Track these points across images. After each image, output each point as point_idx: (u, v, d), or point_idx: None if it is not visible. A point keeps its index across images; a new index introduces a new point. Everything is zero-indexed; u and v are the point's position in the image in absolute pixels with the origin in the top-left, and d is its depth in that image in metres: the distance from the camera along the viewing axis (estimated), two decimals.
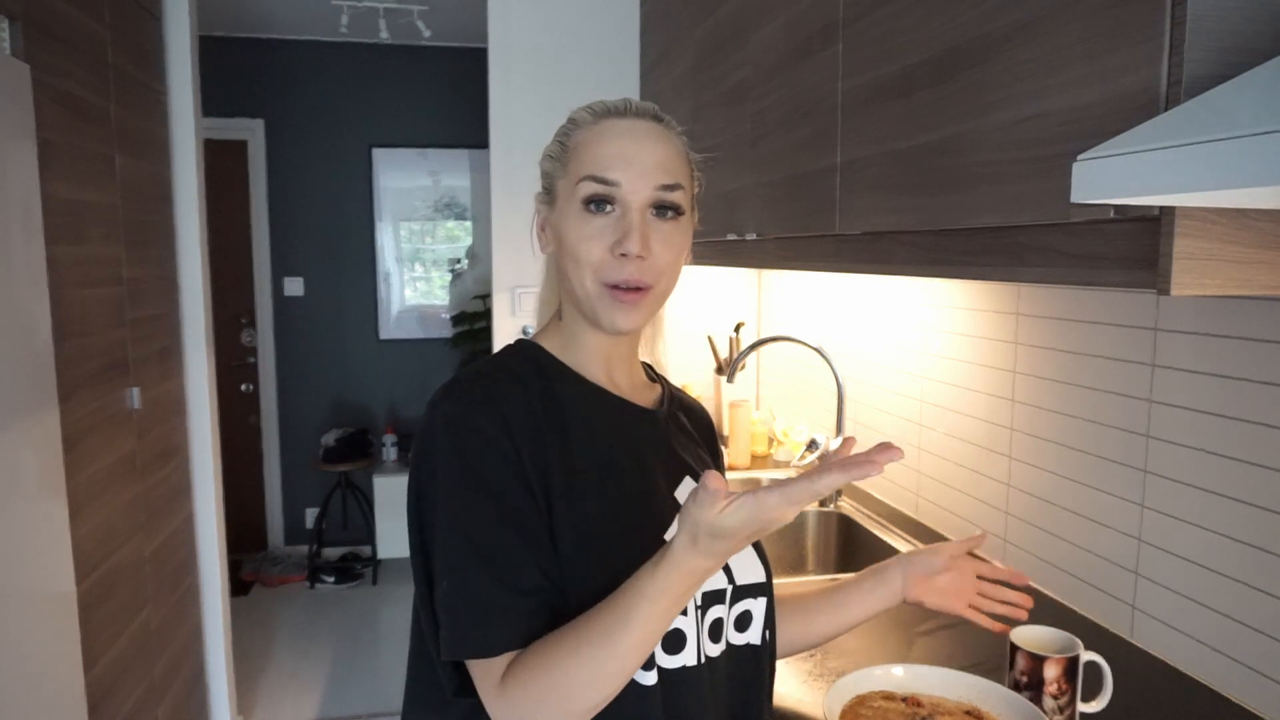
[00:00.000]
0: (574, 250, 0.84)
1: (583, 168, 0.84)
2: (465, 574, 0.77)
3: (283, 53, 4.53)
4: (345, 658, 3.65)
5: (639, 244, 0.82)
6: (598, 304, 0.85)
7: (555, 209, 0.88)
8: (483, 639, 0.75)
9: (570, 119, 0.89)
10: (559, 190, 0.88)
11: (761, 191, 1.63)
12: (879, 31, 1.18)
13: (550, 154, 0.89)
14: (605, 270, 0.84)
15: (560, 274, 0.89)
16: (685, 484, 0.90)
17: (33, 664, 1.63)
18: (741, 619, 0.90)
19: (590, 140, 0.86)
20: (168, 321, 2.61)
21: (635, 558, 0.80)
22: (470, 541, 0.77)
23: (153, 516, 2.40)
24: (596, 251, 0.83)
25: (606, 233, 0.83)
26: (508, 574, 0.76)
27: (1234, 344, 1.13)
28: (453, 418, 0.80)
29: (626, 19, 2.64)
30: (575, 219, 0.84)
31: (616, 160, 0.84)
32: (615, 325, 0.85)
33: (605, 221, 0.84)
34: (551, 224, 0.89)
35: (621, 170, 0.83)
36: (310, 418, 4.74)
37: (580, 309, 0.87)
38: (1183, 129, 0.56)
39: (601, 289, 0.84)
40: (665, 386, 1.00)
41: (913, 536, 1.86)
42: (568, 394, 0.87)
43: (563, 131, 0.89)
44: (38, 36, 1.79)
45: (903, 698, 1.08)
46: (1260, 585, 1.11)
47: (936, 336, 1.79)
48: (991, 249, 0.96)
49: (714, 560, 0.70)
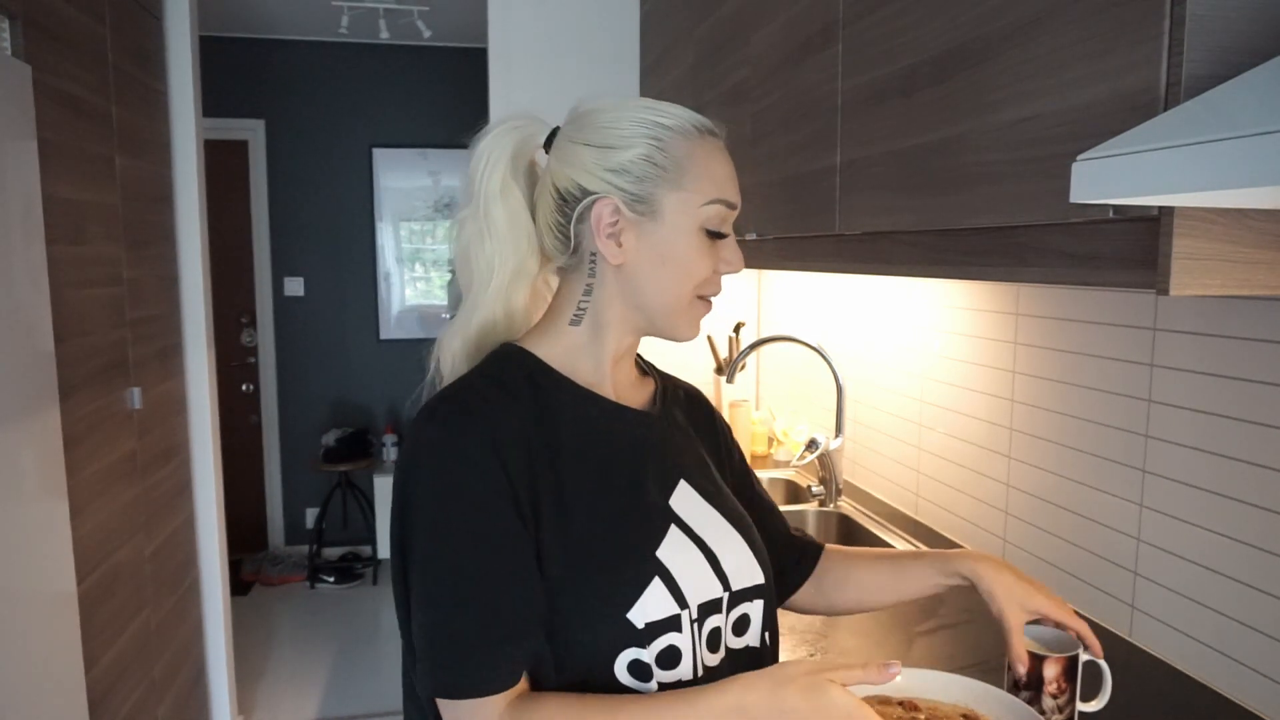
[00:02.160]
0: (684, 266, 0.85)
1: (708, 189, 0.84)
2: (447, 611, 0.75)
3: (283, 53, 4.54)
4: (345, 658, 3.65)
5: (742, 263, 0.88)
6: (685, 316, 0.88)
7: (658, 221, 0.83)
8: (462, 681, 0.74)
9: (659, 123, 0.84)
10: (667, 204, 0.83)
11: (761, 191, 1.63)
12: (879, 31, 1.18)
13: (651, 159, 0.82)
14: (708, 285, 0.87)
15: (633, 283, 0.85)
16: (681, 489, 0.89)
17: (33, 664, 1.63)
18: (739, 623, 0.88)
19: (701, 158, 0.85)
20: (168, 321, 2.61)
21: (626, 577, 0.79)
22: (453, 577, 0.76)
23: (153, 516, 2.40)
24: (707, 269, 0.86)
25: (715, 253, 0.86)
26: (489, 615, 0.75)
27: (1233, 344, 1.13)
28: (437, 443, 0.78)
29: (626, 19, 2.64)
30: (695, 238, 0.85)
31: (733, 185, 0.87)
32: (692, 335, 0.89)
33: (716, 243, 0.86)
34: (644, 235, 0.84)
35: (737, 195, 0.88)
36: (310, 418, 4.74)
37: (654, 320, 0.88)
38: (1183, 129, 0.56)
39: (695, 301, 0.87)
40: (658, 380, 0.98)
41: (913, 536, 1.86)
42: (560, 403, 0.85)
43: (655, 136, 0.83)
44: (38, 36, 1.79)
45: (899, 702, 1.08)
46: (1260, 585, 1.11)
47: (936, 336, 1.79)
48: (991, 249, 0.96)
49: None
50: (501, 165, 0.88)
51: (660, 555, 0.82)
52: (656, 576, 0.81)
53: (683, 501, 0.88)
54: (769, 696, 0.70)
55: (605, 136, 0.84)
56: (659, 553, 0.83)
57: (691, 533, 0.86)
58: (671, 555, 0.83)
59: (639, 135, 0.83)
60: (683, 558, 0.84)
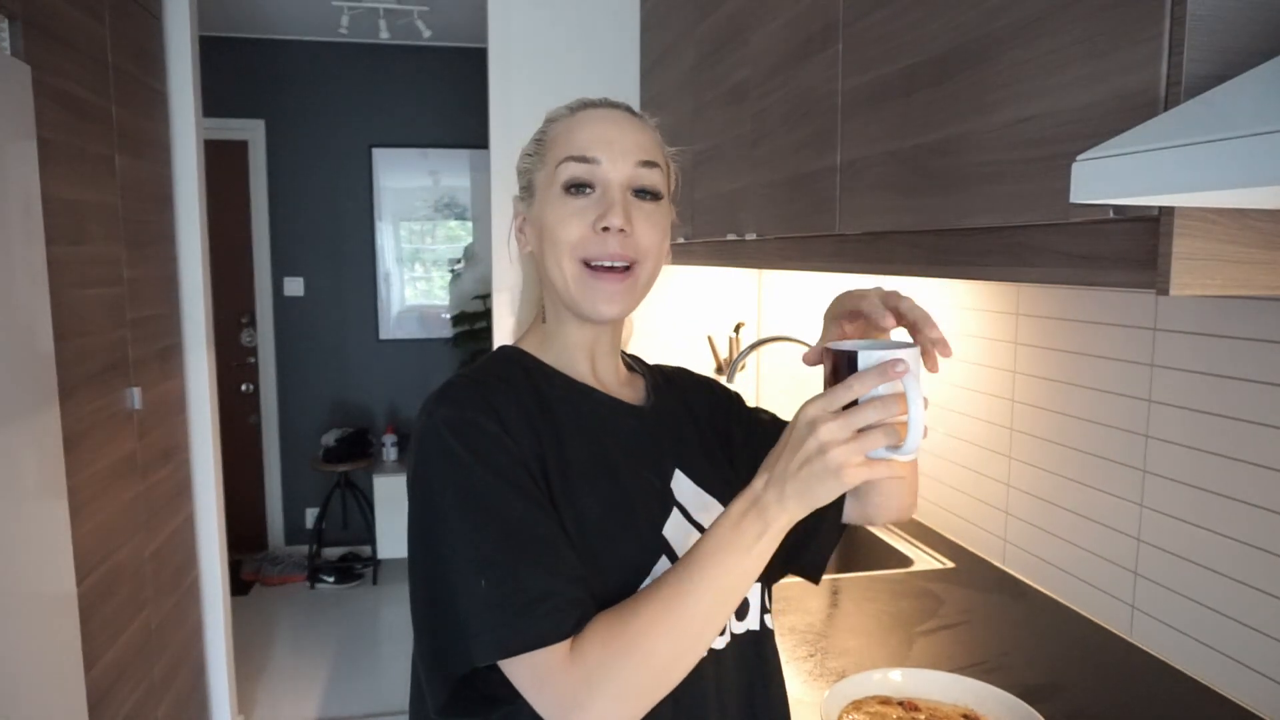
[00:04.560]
0: (554, 232, 0.84)
1: (561, 152, 0.86)
2: (508, 567, 0.74)
3: (283, 53, 4.53)
4: (345, 658, 3.65)
5: (621, 217, 0.83)
6: (578, 288, 0.85)
7: (535, 202, 0.89)
8: (541, 627, 0.72)
9: (546, 119, 0.91)
10: (538, 183, 0.88)
11: (762, 191, 1.63)
12: (879, 31, 1.18)
13: (527, 152, 0.91)
14: (586, 246, 0.84)
15: (541, 268, 0.89)
16: (678, 476, 0.90)
17: (33, 664, 1.63)
18: (740, 608, 0.89)
19: (567, 129, 0.87)
20: (168, 321, 2.61)
21: (631, 555, 0.80)
22: (504, 535, 0.75)
23: (153, 516, 2.40)
24: (577, 230, 0.84)
25: (588, 212, 0.84)
26: (552, 560, 0.75)
27: (1233, 344, 1.13)
28: (454, 420, 0.79)
29: (626, 19, 2.64)
30: (556, 203, 0.85)
31: (596, 141, 0.85)
32: (599, 312, 0.85)
33: (586, 202, 0.84)
34: (531, 219, 0.90)
35: (601, 149, 0.85)
36: (310, 418, 4.74)
37: (562, 299, 0.87)
38: (1183, 129, 0.56)
39: (581, 270, 0.84)
40: (647, 376, 0.99)
41: (913, 537, 1.86)
42: (555, 395, 0.87)
43: (539, 132, 0.91)
44: (38, 36, 1.79)
45: (899, 702, 1.08)
46: (1259, 585, 1.11)
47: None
48: (991, 249, 0.96)
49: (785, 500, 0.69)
50: None
51: (666, 534, 0.84)
52: (664, 554, 0.83)
53: (680, 488, 0.89)
54: (764, 471, 0.71)
55: None
56: (664, 532, 0.84)
57: (690, 518, 0.88)
58: (675, 535, 0.85)
59: (532, 137, 0.92)
60: (686, 540, 0.84)
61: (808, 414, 0.69)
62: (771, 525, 0.70)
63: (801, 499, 0.69)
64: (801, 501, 0.69)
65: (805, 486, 0.68)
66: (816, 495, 0.69)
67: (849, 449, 0.67)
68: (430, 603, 0.78)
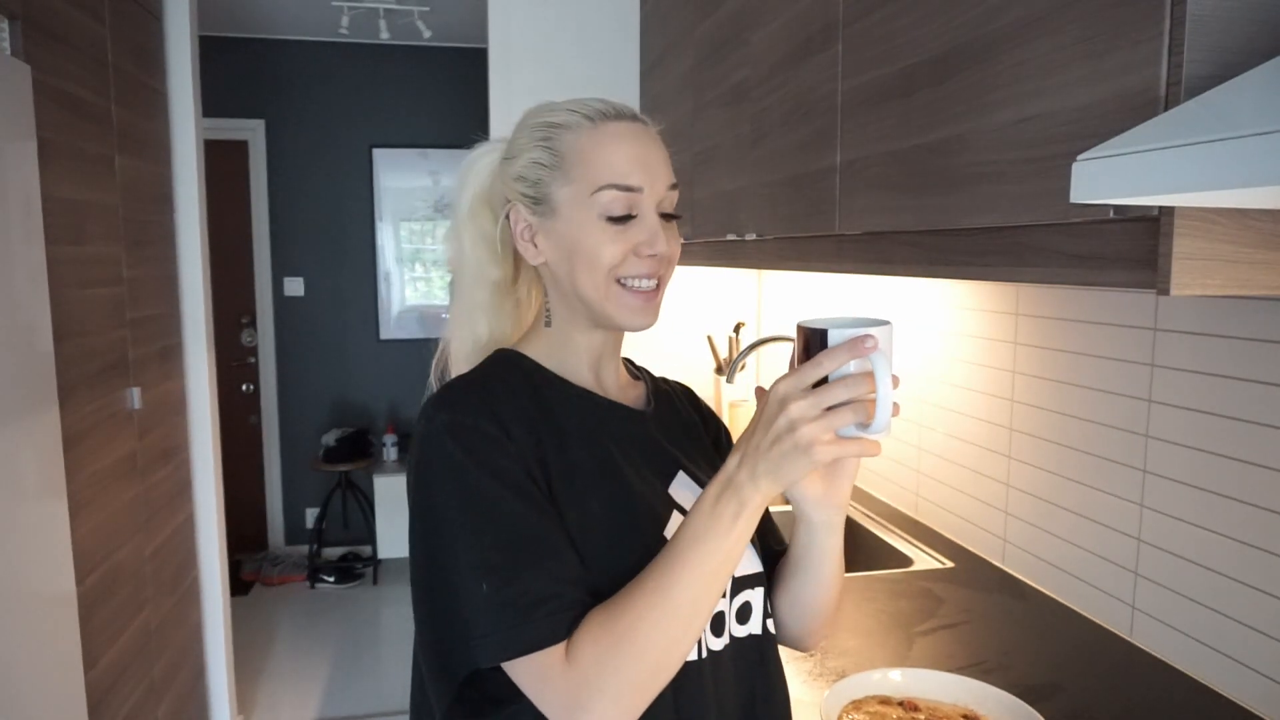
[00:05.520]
0: (592, 255, 0.84)
1: (598, 175, 0.83)
2: (509, 570, 0.74)
3: (283, 53, 4.53)
4: (345, 658, 3.65)
5: (664, 243, 0.85)
6: (611, 304, 0.86)
7: (558, 218, 0.86)
8: (542, 629, 0.73)
9: (548, 122, 0.87)
10: (559, 198, 0.85)
11: (762, 192, 1.63)
12: (879, 31, 1.18)
13: (540, 161, 0.86)
14: (624, 267, 0.85)
15: (561, 280, 0.88)
16: (679, 479, 0.90)
17: (33, 664, 1.63)
18: (742, 610, 0.90)
19: (596, 145, 0.84)
20: (168, 321, 2.61)
21: (635, 556, 0.80)
22: (506, 538, 0.76)
23: (153, 516, 2.40)
24: (619, 253, 0.84)
25: (629, 236, 0.84)
26: (552, 563, 0.75)
27: (1233, 344, 1.13)
28: (454, 424, 0.79)
29: (626, 19, 2.64)
30: (593, 228, 0.84)
31: (635, 167, 0.84)
32: (633, 324, 0.87)
33: (625, 227, 0.85)
34: (548, 233, 0.87)
35: (642, 176, 0.84)
36: (310, 418, 4.74)
37: (590, 311, 0.87)
38: (1183, 129, 0.56)
39: (615, 285, 0.85)
40: (648, 382, 1.00)
41: (913, 536, 1.86)
42: (557, 399, 0.87)
43: (548, 136, 0.86)
44: (38, 36, 1.79)
45: (899, 702, 1.08)
46: (1259, 585, 1.11)
47: (936, 336, 1.79)
48: (991, 249, 0.96)
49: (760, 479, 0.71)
50: (470, 189, 0.93)
51: (668, 536, 0.84)
52: None
53: (681, 491, 0.90)
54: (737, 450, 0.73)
55: (509, 148, 0.90)
56: (666, 534, 0.84)
57: None
58: None
59: (530, 140, 0.87)
60: None
61: (778, 391, 0.70)
62: (747, 504, 0.72)
63: (773, 477, 0.70)
64: (773, 479, 0.70)
65: (776, 465, 0.70)
66: (787, 473, 0.70)
67: (818, 426, 0.68)
68: (432, 606, 0.78)
